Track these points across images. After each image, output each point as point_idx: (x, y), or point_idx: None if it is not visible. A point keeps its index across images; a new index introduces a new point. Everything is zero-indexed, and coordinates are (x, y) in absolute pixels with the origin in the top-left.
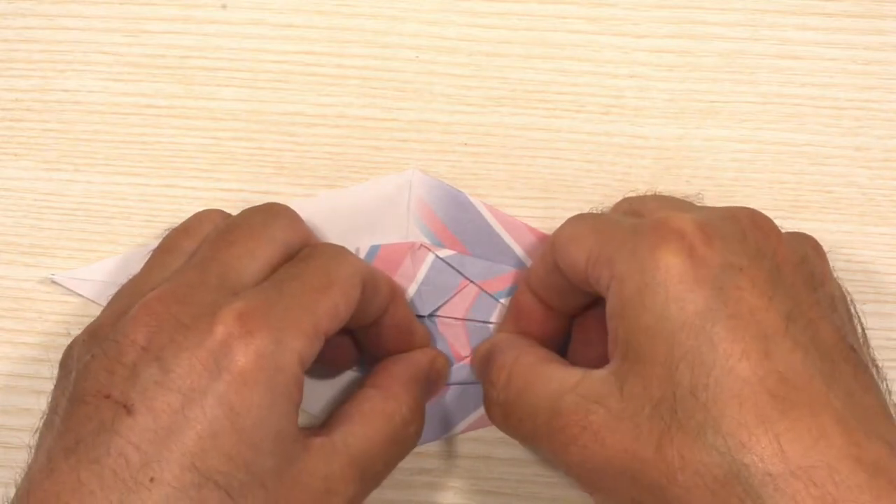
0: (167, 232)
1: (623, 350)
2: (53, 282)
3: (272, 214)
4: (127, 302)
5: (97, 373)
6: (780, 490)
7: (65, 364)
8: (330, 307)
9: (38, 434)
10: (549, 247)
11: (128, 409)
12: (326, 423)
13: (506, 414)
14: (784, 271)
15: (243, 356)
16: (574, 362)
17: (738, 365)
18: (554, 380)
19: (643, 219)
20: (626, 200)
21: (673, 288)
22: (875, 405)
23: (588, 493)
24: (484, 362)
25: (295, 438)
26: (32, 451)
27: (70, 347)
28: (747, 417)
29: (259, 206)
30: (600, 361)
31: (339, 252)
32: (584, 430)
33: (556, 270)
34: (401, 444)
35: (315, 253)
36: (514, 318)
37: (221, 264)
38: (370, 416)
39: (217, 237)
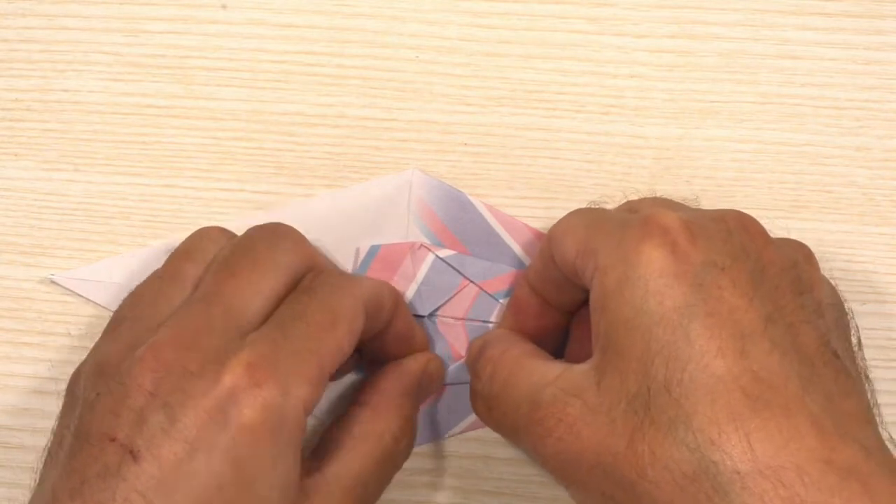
0: (168, 239)
1: (603, 343)
2: (53, 282)
3: (276, 238)
4: (133, 335)
5: (103, 414)
6: (748, 489)
7: (71, 392)
8: (334, 347)
9: (42, 463)
10: (547, 240)
11: (134, 456)
12: (319, 449)
13: (489, 407)
14: (769, 273)
15: (250, 409)
16: (572, 359)
17: (713, 362)
18: (536, 373)
19: (634, 214)
20: (626, 202)
21: (653, 282)
22: (855, 410)
23: (563, 485)
24: (475, 358)
25: (297, 487)
26: (36, 480)
27: (77, 374)
28: (719, 415)
29: (263, 228)
30: None
31: (342, 282)
32: (560, 422)
33: (553, 264)
34: (392, 460)
35: (317, 284)
36: (512, 314)
37: (226, 300)
38: (360, 438)
39: (220, 267)
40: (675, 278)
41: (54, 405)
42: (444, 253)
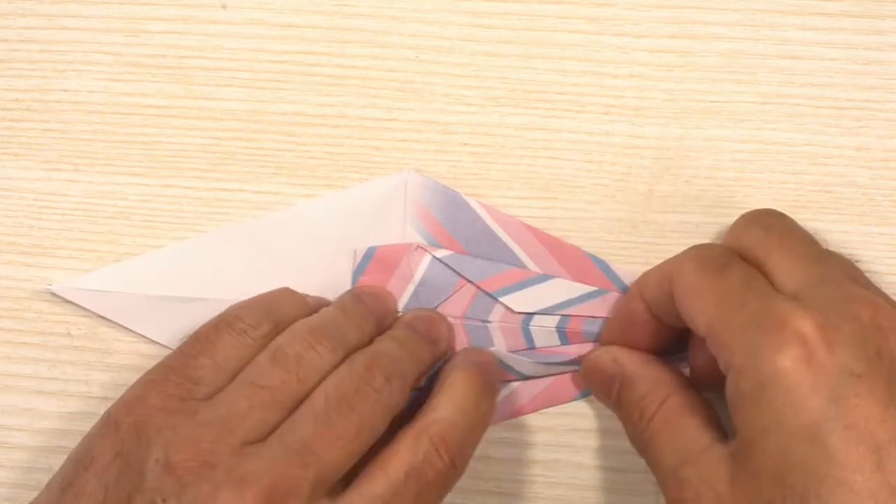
0: (167, 243)
1: (742, 441)
2: (52, 293)
3: (383, 407)
4: (213, 434)
5: None
6: None
7: (127, 455)
8: None
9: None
10: (667, 277)
11: None
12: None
13: (642, 449)
14: None
15: None
16: (697, 373)
17: (851, 477)
18: (683, 439)
19: (765, 304)
20: (742, 232)
21: (791, 394)
22: None
23: None
24: (607, 380)
25: None
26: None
27: (140, 429)
28: None
29: (374, 388)
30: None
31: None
32: None
33: (672, 300)
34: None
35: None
36: (622, 327)
37: (319, 459)
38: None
39: (323, 423)
40: (812, 389)
41: (54, 405)
42: (441, 253)
